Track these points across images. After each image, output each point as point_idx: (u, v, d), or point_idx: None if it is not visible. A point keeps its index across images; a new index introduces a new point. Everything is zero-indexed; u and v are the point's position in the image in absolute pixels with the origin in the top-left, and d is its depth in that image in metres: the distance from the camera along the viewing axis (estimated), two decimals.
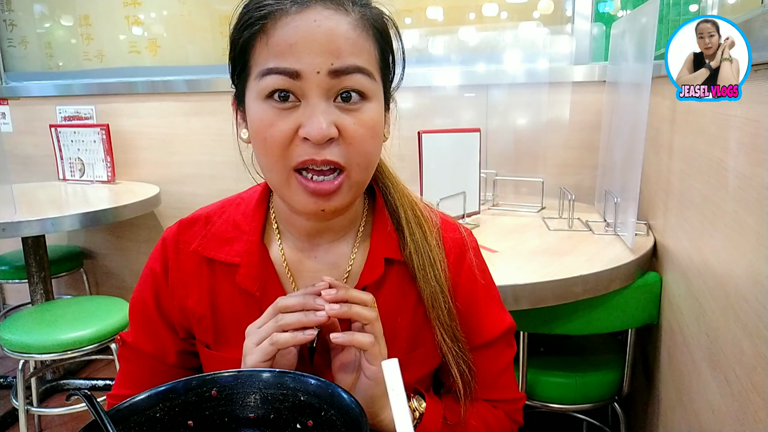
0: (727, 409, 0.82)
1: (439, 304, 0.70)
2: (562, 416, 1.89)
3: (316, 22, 0.58)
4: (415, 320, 0.73)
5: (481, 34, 2.21)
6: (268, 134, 0.60)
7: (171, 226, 0.76)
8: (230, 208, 0.76)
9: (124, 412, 0.55)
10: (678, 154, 1.24)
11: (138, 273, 0.77)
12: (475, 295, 0.75)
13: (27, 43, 2.88)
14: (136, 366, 0.77)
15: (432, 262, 0.71)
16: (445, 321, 0.71)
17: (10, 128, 2.93)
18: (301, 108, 0.60)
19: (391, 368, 0.51)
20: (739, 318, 0.78)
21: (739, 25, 0.63)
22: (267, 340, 0.61)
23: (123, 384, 0.78)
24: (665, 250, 1.36)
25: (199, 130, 2.59)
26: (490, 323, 0.76)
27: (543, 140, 2.12)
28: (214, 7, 2.56)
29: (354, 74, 0.60)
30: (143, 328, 0.76)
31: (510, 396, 0.79)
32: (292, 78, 0.58)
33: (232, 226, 0.73)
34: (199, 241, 0.73)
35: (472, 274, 0.75)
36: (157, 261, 0.75)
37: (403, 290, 0.73)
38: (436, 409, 0.72)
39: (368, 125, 0.61)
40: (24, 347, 1.76)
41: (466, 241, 0.76)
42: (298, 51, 0.58)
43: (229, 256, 0.71)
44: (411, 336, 0.73)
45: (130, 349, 0.77)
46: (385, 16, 0.66)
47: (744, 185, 0.78)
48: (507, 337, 0.78)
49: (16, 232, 1.90)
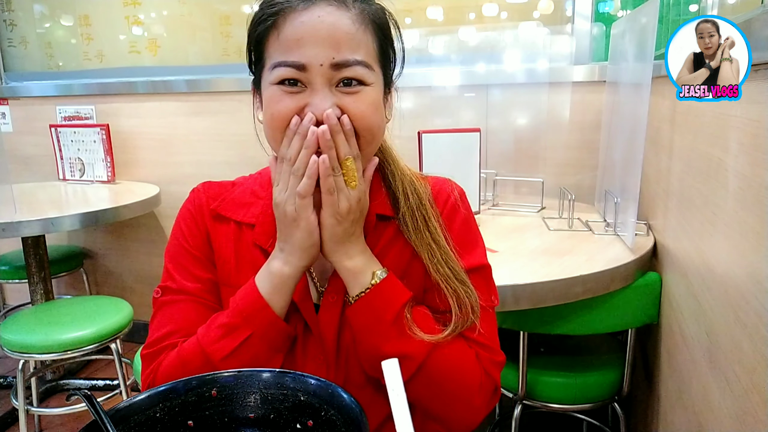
0: (727, 409, 0.82)
1: (435, 254, 0.75)
2: (562, 416, 1.89)
3: (319, 18, 0.66)
4: (402, 256, 0.78)
5: (481, 34, 2.21)
6: (275, 109, 0.68)
7: (198, 186, 0.85)
8: (248, 181, 0.86)
9: (124, 412, 0.55)
10: (678, 154, 1.24)
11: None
12: (454, 228, 0.80)
13: (27, 43, 2.88)
14: (179, 308, 0.78)
15: (426, 222, 0.77)
16: (440, 262, 0.75)
17: (10, 128, 2.93)
18: (307, 92, 0.68)
19: (391, 368, 0.51)
20: (739, 318, 0.78)
21: (739, 25, 0.64)
22: (297, 197, 0.68)
23: (163, 325, 0.78)
24: (665, 250, 1.36)
25: (199, 130, 2.59)
26: (464, 254, 0.78)
27: (543, 140, 2.12)
28: (214, 7, 2.56)
29: (353, 66, 0.67)
30: (182, 271, 0.80)
31: (487, 342, 0.76)
32: (298, 70, 0.66)
33: (250, 194, 0.82)
34: (218, 202, 0.82)
35: (455, 213, 0.80)
36: (189, 209, 0.82)
37: (395, 241, 0.78)
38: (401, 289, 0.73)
39: (368, 102, 0.69)
40: (24, 347, 1.77)
41: (454, 192, 0.82)
42: (304, 45, 0.66)
43: (245, 218, 0.80)
44: (398, 270, 0.76)
45: (172, 293, 0.79)
46: (385, 11, 0.73)
47: (744, 185, 0.78)
48: (485, 278, 0.79)
49: (16, 232, 1.91)
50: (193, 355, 0.71)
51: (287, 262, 0.71)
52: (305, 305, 0.76)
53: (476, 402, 0.73)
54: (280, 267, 0.71)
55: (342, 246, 0.72)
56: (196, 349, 0.71)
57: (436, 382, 0.72)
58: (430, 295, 0.76)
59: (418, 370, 0.70)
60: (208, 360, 0.70)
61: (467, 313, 0.73)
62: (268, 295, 0.71)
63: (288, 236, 0.71)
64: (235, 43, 2.55)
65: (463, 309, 0.73)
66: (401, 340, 0.70)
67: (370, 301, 0.72)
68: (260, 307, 0.71)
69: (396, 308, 0.71)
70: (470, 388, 0.73)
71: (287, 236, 0.71)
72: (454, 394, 0.73)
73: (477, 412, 0.74)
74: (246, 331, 0.70)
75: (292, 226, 0.70)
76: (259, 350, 0.71)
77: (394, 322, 0.70)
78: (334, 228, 0.70)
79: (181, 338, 0.75)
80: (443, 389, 0.72)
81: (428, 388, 0.72)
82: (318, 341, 0.77)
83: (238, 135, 2.47)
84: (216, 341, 0.70)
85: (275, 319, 0.71)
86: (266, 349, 0.72)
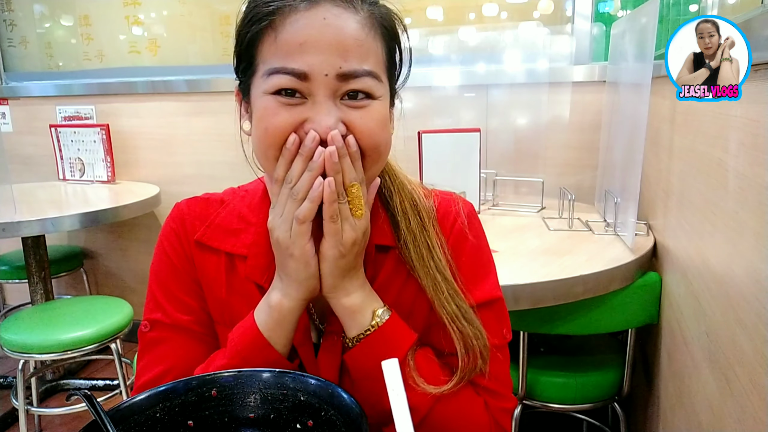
0: (727, 409, 0.82)
1: (440, 288, 0.68)
2: (562, 416, 1.89)
3: (325, 20, 0.58)
4: (406, 291, 0.71)
5: (481, 34, 2.21)
6: (269, 123, 0.60)
7: (181, 202, 0.76)
8: (235, 199, 0.76)
9: (124, 412, 0.55)
10: (678, 154, 1.24)
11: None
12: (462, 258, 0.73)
13: (27, 43, 2.88)
14: (171, 346, 0.71)
15: (430, 250, 0.70)
16: (447, 298, 0.68)
17: (10, 128, 2.93)
18: (308, 104, 0.60)
19: (391, 368, 0.51)
20: (739, 318, 0.78)
21: (739, 25, 0.63)
22: (295, 222, 0.61)
23: (155, 365, 0.71)
24: (665, 250, 1.36)
25: (199, 130, 2.59)
26: (473, 288, 0.71)
27: (543, 140, 2.12)
28: (214, 7, 2.56)
29: (362, 78, 0.60)
30: (172, 299, 0.72)
31: (497, 388, 0.70)
32: (299, 79, 0.59)
33: (238, 218, 0.73)
34: (203, 230, 0.73)
35: (463, 241, 0.73)
36: (172, 228, 0.74)
37: (397, 271, 0.71)
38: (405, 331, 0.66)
39: (376, 118, 0.62)
40: (24, 347, 1.76)
41: (461, 214, 0.75)
42: (307, 51, 0.58)
43: (235, 248, 0.71)
44: (404, 308, 0.70)
45: (163, 328, 0.71)
46: (393, 14, 0.66)
47: (744, 185, 0.78)
48: (496, 313, 0.73)
49: (16, 232, 1.91)
50: None
51: (286, 294, 0.64)
52: (304, 349, 0.70)
53: None
54: (279, 300, 0.64)
55: (341, 281, 0.64)
56: None
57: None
58: (435, 334, 0.70)
59: (421, 423, 0.64)
60: None
61: (475, 357, 0.66)
62: (269, 332, 0.64)
63: (284, 266, 0.64)
64: None
65: (470, 353, 0.66)
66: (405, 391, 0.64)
67: (370, 347, 0.65)
68: (261, 347, 0.64)
69: (400, 355, 0.64)
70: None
71: (283, 266, 0.64)
72: None
73: None
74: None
75: (286, 255, 0.62)
76: None
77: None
78: (337, 261, 0.63)
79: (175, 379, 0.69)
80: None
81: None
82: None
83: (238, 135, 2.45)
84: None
85: (278, 358, 0.65)
86: None
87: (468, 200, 0.79)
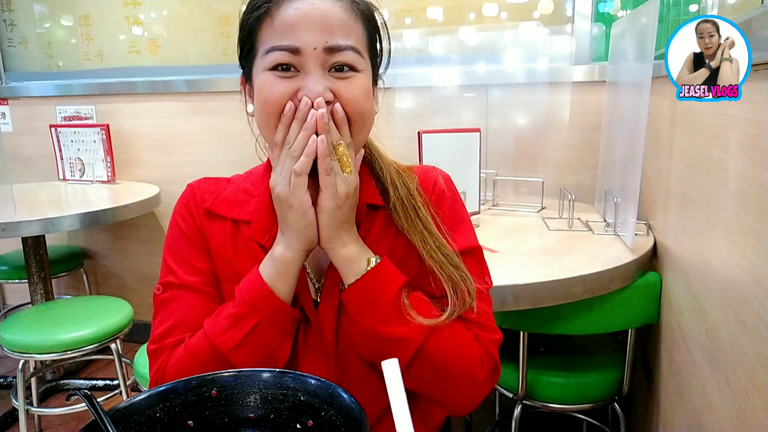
0: (727, 409, 0.82)
1: (428, 241, 0.76)
2: (562, 416, 1.89)
3: (313, 5, 0.69)
4: (396, 246, 0.79)
5: (481, 34, 2.21)
6: (268, 93, 0.69)
7: (192, 182, 0.85)
8: (239, 180, 0.86)
9: (123, 412, 0.55)
10: (678, 154, 1.24)
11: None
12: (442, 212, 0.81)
13: (27, 43, 2.88)
14: (181, 303, 0.78)
15: (416, 210, 0.78)
16: (433, 249, 0.76)
17: (10, 128, 2.93)
18: (300, 76, 0.69)
19: (391, 368, 0.51)
20: (739, 318, 0.78)
21: (739, 25, 0.64)
22: (293, 176, 0.69)
23: (167, 320, 0.77)
24: (665, 250, 1.36)
25: (199, 130, 2.59)
26: (454, 237, 0.79)
27: (543, 140, 2.12)
28: (214, 7, 2.56)
29: (346, 51, 0.69)
30: (182, 263, 0.79)
31: (485, 321, 0.76)
32: (292, 53, 0.68)
33: (243, 192, 0.83)
34: (212, 201, 0.82)
35: (442, 197, 0.82)
36: (184, 203, 0.83)
37: (386, 230, 0.79)
38: (396, 273, 0.73)
39: (360, 88, 0.71)
40: (24, 347, 1.77)
41: (439, 178, 0.84)
42: (298, 30, 0.68)
43: (240, 215, 0.80)
44: (395, 260, 0.77)
45: (174, 288, 0.78)
46: (371, 5, 0.76)
47: (744, 185, 0.78)
48: (477, 260, 0.80)
49: (16, 232, 1.91)
50: (202, 349, 0.71)
51: (288, 246, 0.72)
52: (304, 297, 0.77)
53: (478, 380, 0.73)
54: (282, 252, 0.72)
55: (338, 233, 0.72)
56: (204, 343, 0.71)
57: (435, 364, 0.72)
58: (425, 282, 0.77)
59: (417, 353, 0.70)
60: (218, 352, 0.70)
61: (463, 296, 0.73)
62: (272, 281, 0.72)
63: (284, 219, 0.72)
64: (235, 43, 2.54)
65: (459, 293, 0.73)
66: (399, 323, 0.70)
67: (365, 285, 0.72)
68: (265, 294, 0.71)
69: (392, 291, 0.71)
70: (471, 367, 0.73)
71: (283, 219, 0.72)
72: (455, 374, 0.73)
73: (479, 391, 0.74)
74: (253, 319, 0.71)
75: (286, 207, 0.70)
76: (268, 336, 0.71)
77: (390, 305, 0.70)
78: (334, 212, 0.70)
79: (186, 332, 0.75)
80: (444, 371, 0.72)
81: (428, 371, 0.72)
82: (317, 333, 0.77)
83: (238, 135, 2.44)
84: (224, 332, 0.71)
85: (281, 304, 0.72)
86: (274, 334, 0.72)
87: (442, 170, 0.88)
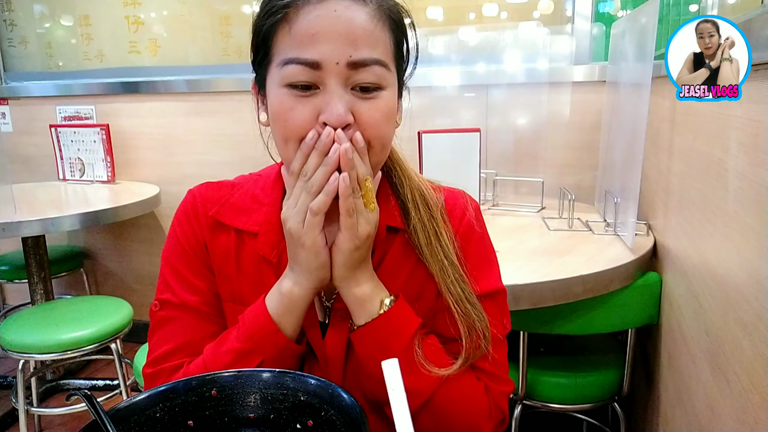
0: (727, 409, 0.82)
1: (447, 272, 0.71)
2: (562, 416, 1.89)
3: (336, 12, 0.61)
4: (415, 276, 0.74)
5: (481, 34, 2.21)
6: (288, 118, 0.63)
7: (193, 188, 0.80)
8: (248, 183, 0.80)
9: (124, 412, 0.55)
10: (678, 154, 1.24)
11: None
12: (470, 250, 0.76)
13: (27, 43, 2.88)
14: (180, 324, 0.75)
15: (438, 236, 0.73)
16: (453, 282, 0.72)
17: (10, 128, 2.93)
18: (320, 94, 0.63)
19: (391, 368, 0.51)
20: (739, 318, 0.78)
21: (739, 25, 0.63)
22: (309, 214, 0.63)
23: (166, 342, 0.74)
24: (665, 250, 1.36)
25: (199, 130, 2.59)
26: (479, 278, 0.74)
27: (543, 140, 2.12)
28: (214, 7, 2.56)
29: (371, 66, 0.63)
30: (181, 281, 0.75)
31: (497, 372, 0.73)
32: (312, 68, 0.61)
33: (250, 199, 0.77)
34: (218, 208, 0.77)
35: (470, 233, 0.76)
36: (185, 211, 0.78)
37: (405, 255, 0.75)
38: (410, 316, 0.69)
39: (383, 111, 0.65)
40: (24, 347, 1.76)
41: (469, 208, 0.78)
42: (319, 41, 0.61)
43: (247, 225, 0.75)
44: (412, 293, 0.73)
45: (172, 307, 0.74)
46: (401, 7, 0.69)
47: (744, 185, 0.78)
48: (498, 304, 0.75)
49: (16, 232, 1.91)
50: None
51: (297, 283, 0.67)
52: (312, 332, 0.73)
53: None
54: (290, 288, 0.68)
55: (353, 273, 0.67)
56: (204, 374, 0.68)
57: (442, 416, 0.68)
58: (440, 319, 0.72)
59: (424, 405, 0.67)
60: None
61: (478, 339, 0.69)
62: (279, 317, 0.68)
63: (295, 256, 0.67)
64: (235, 43, 2.55)
65: (473, 334, 0.69)
66: (408, 373, 0.62)
67: (376, 329, 0.68)
68: (271, 332, 0.67)
69: (404, 339, 0.67)
70: (477, 421, 0.70)
71: (294, 256, 0.67)
72: (460, 427, 0.70)
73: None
74: (258, 357, 0.67)
75: (297, 245, 0.65)
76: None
77: (401, 353, 0.65)
78: (352, 253, 0.66)
79: (185, 357, 0.72)
80: (449, 423, 0.69)
81: (433, 423, 0.68)
82: (322, 366, 0.74)
83: (238, 135, 2.47)
84: (226, 368, 0.67)
85: (287, 343, 0.68)
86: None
87: (470, 196, 0.82)
